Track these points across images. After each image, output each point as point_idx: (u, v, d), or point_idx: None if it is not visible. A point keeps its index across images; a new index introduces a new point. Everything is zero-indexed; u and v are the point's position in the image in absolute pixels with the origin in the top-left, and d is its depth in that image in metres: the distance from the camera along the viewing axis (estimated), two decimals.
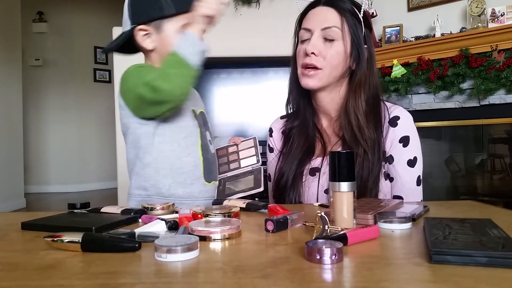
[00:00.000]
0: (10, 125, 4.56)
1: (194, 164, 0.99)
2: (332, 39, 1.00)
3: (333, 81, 1.04)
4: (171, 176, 0.96)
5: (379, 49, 3.14)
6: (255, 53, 3.14)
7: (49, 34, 5.80)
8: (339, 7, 1.02)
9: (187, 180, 0.98)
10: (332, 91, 1.06)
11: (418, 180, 1.03)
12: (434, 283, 0.42)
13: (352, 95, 1.03)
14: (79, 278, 0.46)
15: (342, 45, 1.01)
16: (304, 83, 1.03)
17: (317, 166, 1.06)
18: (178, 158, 0.97)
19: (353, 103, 1.02)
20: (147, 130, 0.95)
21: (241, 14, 3.27)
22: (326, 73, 1.01)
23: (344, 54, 1.02)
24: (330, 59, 1.01)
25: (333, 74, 1.02)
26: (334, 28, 1.00)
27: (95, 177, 5.94)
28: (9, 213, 0.93)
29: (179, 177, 0.97)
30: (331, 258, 0.47)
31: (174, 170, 0.96)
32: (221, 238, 0.60)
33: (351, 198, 0.65)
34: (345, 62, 1.03)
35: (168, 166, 0.96)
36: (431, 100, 2.99)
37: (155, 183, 0.96)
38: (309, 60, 1.01)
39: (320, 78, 1.02)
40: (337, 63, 1.02)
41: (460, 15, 3.00)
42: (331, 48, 1.00)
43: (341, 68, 1.03)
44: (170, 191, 0.96)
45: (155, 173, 0.96)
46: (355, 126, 1.01)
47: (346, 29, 1.01)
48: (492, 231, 0.55)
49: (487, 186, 3.04)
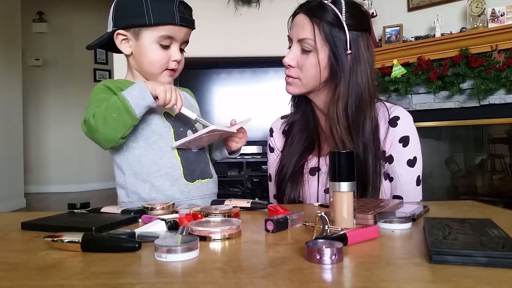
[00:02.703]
0: (10, 125, 4.56)
1: (170, 166, 0.97)
2: (309, 50, 0.99)
3: (314, 88, 1.02)
4: (149, 180, 0.96)
5: (379, 49, 3.14)
6: (255, 53, 3.14)
7: (49, 34, 5.80)
8: (316, 16, 0.98)
9: (166, 182, 0.96)
10: (320, 94, 1.04)
11: (418, 180, 1.03)
12: (434, 283, 0.42)
13: (332, 106, 1.01)
14: (79, 278, 0.46)
15: (315, 57, 0.98)
16: (287, 89, 1.06)
17: (318, 166, 1.07)
18: (154, 161, 0.96)
19: (332, 115, 1.00)
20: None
21: (241, 14, 3.28)
22: (304, 82, 1.02)
23: (318, 65, 0.98)
24: (305, 70, 1.00)
25: (311, 84, 1.01)
26: (308, 40, 0.98)
27: (95, 177, 5.94)
28: (9, 213, 0.93)
29: (157, 181, 0.96)
30: (331, 258, 0.47)
31: (151, 174, 0.96)
32: (221, 238, 0.60)
33: (351, 198, 0.65)
34: (323, 71, 0.99)
35: (145, 170, 0.96)
36: (431, 100, 2.99)
37: (135, 189, 0.97)
38: (288, 71, 1.03)
39: (299, 86, 1.03)
40: (313, 74, 1.00)
41: (460, 15, 3.00)
42: (306, 60, 0.99)
43: (319, 78, 1.00)
44: (151, 195, 0.96)
45: (134, 179, 0.97)
46: (337, 139, 0.99)
47: (319, 41, 0.97)
48: (492, 231, 0.55)
49: (487, 186, 3.04)
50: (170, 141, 0.98)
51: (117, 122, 0.88)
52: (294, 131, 1.11)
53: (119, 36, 0.98)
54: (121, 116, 0.87)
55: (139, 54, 0.98)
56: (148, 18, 0.94)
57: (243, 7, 3.27)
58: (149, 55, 0.97)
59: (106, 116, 0.87)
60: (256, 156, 3.16)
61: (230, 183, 3.30)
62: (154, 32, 0.96)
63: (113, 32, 0.98)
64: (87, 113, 0.90)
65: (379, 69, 3.10)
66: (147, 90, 0.89)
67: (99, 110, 0.89)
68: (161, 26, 0.95)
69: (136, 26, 0.96)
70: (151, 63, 0.98)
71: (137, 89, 0.89)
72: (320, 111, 1.09)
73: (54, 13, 5.83)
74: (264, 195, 3.09)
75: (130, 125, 0.90)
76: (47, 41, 5.79)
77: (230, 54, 3.16)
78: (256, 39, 3.16)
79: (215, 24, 3.19)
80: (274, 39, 2.38)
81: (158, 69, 0.99)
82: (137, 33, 0.97)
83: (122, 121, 0.88)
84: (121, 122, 0.88)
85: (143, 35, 0.97)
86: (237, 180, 3.27)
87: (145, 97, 0.89)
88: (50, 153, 5.80)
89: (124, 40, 0.99)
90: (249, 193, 3.18)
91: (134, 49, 0.99)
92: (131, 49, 0.99)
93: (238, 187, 3.28)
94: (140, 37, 0.97)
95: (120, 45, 0.99)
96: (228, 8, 3.25)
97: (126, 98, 0.87)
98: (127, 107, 0.87)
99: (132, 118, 0.88)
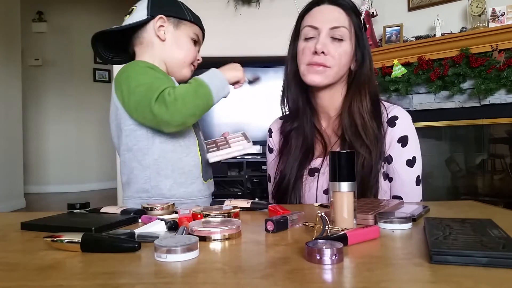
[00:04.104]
0: (9, 125, 4.56)
1: (193, 164, 0.99)
2: (341, 39, 1.00)
3: (337, 80, 1.04)
4: (172, 177, 0.96)
5: (379, 49, 3.14)
6: (255, 53, 3.13)
7: (48, 34, 5.80)
8: (345, 6, 1.02)
9: (188, 180, 0.98)
10: (332, 90, 1.06)
11: (417, 180, 1.02)
12: (434, 283, 0.42)
13: (357, 95, 1.03)
14: (79, 278, 0.46)
15: (350, 45, 1.02)
16: (310, 79, 1.02)
17: (317, 167, 1.06)
18: (179, 158, 0.97)
19: (358, 104, 1.02)
20: (146, 131, 0.95)
21: (241, 14, 3.27)
22: (334, 71, 1.01)
23: (350, 54, 1.02)
24: (339, 58, 1.01)
25: (339, 73, 1.03)
26: (342, 28, 1.00)
27: (95, 177, 5.93)
28: (8, 213, 0.93)
29: (180, 178, 0.97)
30: (331, 259, 0.47)
31: (176, 171, 0.96)
32: (221, 239, 0.60)
33: (351, 198, 0.65)
34: (350, 62, 1.04)
35: (170, 166, 0.96)
36: (432, 100, 2.98)
37: (157, 184, 0.96)
38: (318, 59, 1.00)
39: (327, 76, 1.01)
40: (345, 63, 1.02)
41: (461, 15, 2.99)
42: (340, 47, 1.01)
43: (347, 68, 1.04)
44: (171, 192, 0.96)
45: (156, 175, 0.96)
46: (360, 125, 1.00)
47: (352, 30, 1.01)
48: (493, 231, 0.55)
49: (487, 186, 3.04)
50: (194, 139, 1.01)
51: (198, 109, 0.90)
52: (291, 139, 1.10)
53: (160, 21, 1.00)
54: (205, 105, 0.90)
55: (175, 42, 1.02)
56: (188, 15, 1.04)
57: (243, 7, 3.26)
58: (186, 47, 1.03)
59: (192, 101, 0.88)
60: (256, 156, 3.16)
61: (230, 183, 3.30)
62: (191, 28, 1.04)
63: (151, 18, 1.00)
64: (161, 93, 0.86)
65: (380, 69, 3.09)
66: (227, 83, 0.95)
67: (183, 93, 0.88)
68: (195, 25, 1.05)
69: (179, 18, 1.02)
70: (186, 55, 1.03)
71: (220, 79, 0.94)
72: (323, 111, 1.09)
73: (53, 13, 5.82)
74: (264, 195, 3.08)
75: (204, 110, 0.92)
76: (46, 41, 5.79)
77: (230, 54, 3.16)
78: (256, 39, 3.16)
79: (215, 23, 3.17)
80: (274, 39, 2.38)
81: (189, 61, 1.04)
82: (177, 23, 1.02)
83: (202, 109, 0.91)
84: (200, 110, 0.91)
85: (182, 27, 1.03)
86: (237, 180, 3.27)
87: (225, 89, 0.94)
88: (50, 153, 5.80)
89: (161, 26, 1.01)
90: (249, 193, 3.18)
91: (170, 36, 1.02)
92: (166, 36, 1.02)
93: (238, 187, 3.27)
94: (180, 28, 1.02)
95: (157, 31, 1.01)
96: (228, 8, 3.25)
97: (211, 88, 0.90)
98: (211, 97, 0.91)
99: (208, 109, 0.92)
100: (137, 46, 1.03)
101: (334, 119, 1.09)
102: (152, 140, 0.95)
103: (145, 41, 1.02)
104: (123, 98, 0.93)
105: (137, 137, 0.95)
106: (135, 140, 0.95)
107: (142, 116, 0.92)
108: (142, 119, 0.93)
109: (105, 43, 1.05)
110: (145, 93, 0.89)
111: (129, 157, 0.97)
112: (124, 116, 0.95)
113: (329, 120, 1.10)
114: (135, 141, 0.95)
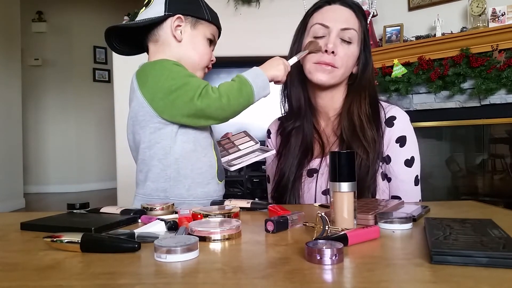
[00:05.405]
0: (9, 125, 4.56)
1: (210, 164, 0.98)
2: (349, 41, 1.00)
3: (342, 81, 1.05)
4: (191, 176, 0.95)
5: (379, 48, 3.14)
6: (255, 53, 3.13)
7: (48, 34, 5.80)
8: (356, 9, 1.03)
9: (205, 180, 0.97)
10: (334, 90, 1.06)
11: (416, 179, 1.02)
12: (434, 283, 0.42)
13: (357, 97, 1.04)
14: (79, 278, 0.46)
15: (357, 49, 1.02)
16: (317, 78, 1.01)
17: (315, 168, 1.06)
18: (198, 158, 0.95)
19: (357, 106, 1.03)
20: (171, 130, 0.93)
21: (241, 13, 3.27)
22: (341, 72, 1.02)
23: (356, 57, 1.03)
24: (347, 60, 1.01)
25: (345, 75, 1.04)
26: (352, 30, 1.00)
27: (95, 177, 5.93)
28: (8, 213, 0.93)
29: (198, 178, 0.96)
30: (331, 259, 0.47)
31: (194, 171, 0.95)
32: (221, 239, 0.60)
33: (351, 198, 0.65)
34: (355, 64, 1.05)
35: (189, 166, 0.95)
36: (432, 100, 2.98)
37: (176, 183, 0.95)
38: (327, 58, 1.00)
39: (334, 76, 1.01)
40: (351, 65, 1.03)
41: (461, 15, 2.99)
42: (348, 49, 1.01)
43: (351, 70, 1.05)
44: (190, 192, 0.95)
45: (176, 174, 0.94)
46: (358, 126, 1.01)
47: (360, 33, 1.03)
48: (493, 232, 0.55)
49: (487, 186, 3.04)
50: (210, 139, 1.00)
51: (240, 107, 0.90)
52: (291, 139, 1.10)
53: (177, 21, 0.98)
54: (247, 103, 0.90)
55: (192, 42, 0.99)
56: (206, 14, 1.00)
57: (243, 7, 3.26)
58: (202, 47, 1.00)
59: (236, 98, 0.89)
60: None
61: (230, 183, 3.29)
62: (208, 28, 1.01)
63: (168, 15, 0.97)
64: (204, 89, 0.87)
65: (380, 69, 3.09)
66: (268, 83, 0.94)
67: (227, 90, 0.88)
68: (213, 25, 1.01)
69: (196, 17, 0.99)
70: (202, 56, 1.00)
71: (262, 78, 0.93)
72: (322, 111, 1.09)
73: (53, 12, 5.82)
74: (264, 196, 3.08)
75: (244, 108, 0.92)
76: (46, 41, 5.79)
77: (230, 53, 3.16)
78: (256, 39, 3.16)
79: None
80: (274, 38, 2.38)
81: (204, 64, 1.01)
82: (194, 23, 0.99)
83: (243, 107, 0.91)
84: (241, 108, 0.91)
85: (200, 27, 1.00)
86: (237, 180, 3.26)
87: (266, 89, 0.93)
88: (50, 153, 5.80)
89: (178, 26, 0.98)
90: (249, 193, 3.17)
91: (186, 37, 0.99)
92: (182, 37, 0.99)
93: (238, 188, 3.27)
94: (197, 28, 0.99)
95: (174, 31, 0.98)
96: (228, 7, 3.25)
97: (253, 87, 0.90)
98: (253, 97, 0.91)
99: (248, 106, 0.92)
100: (152, 42, 1.01)
101: (333, 120, 1.09)
102: (174, 139, 0.94)
103: (161, 39, 0.99)
104: (152, 96, 0.91)
105: (161, 135, 0.93)
106: (159, 138, 0.93)
107: (179, 113, 0.89)
108: (177, 116, 0.91)
109: (117, 35, 1.02)
110: (185, 90, 0.88)
111: (149, 155, 0.95)
112: (150, 113, 0.92)
113: (328, 120, 1.10)
114: (159, 139, 0.93)
